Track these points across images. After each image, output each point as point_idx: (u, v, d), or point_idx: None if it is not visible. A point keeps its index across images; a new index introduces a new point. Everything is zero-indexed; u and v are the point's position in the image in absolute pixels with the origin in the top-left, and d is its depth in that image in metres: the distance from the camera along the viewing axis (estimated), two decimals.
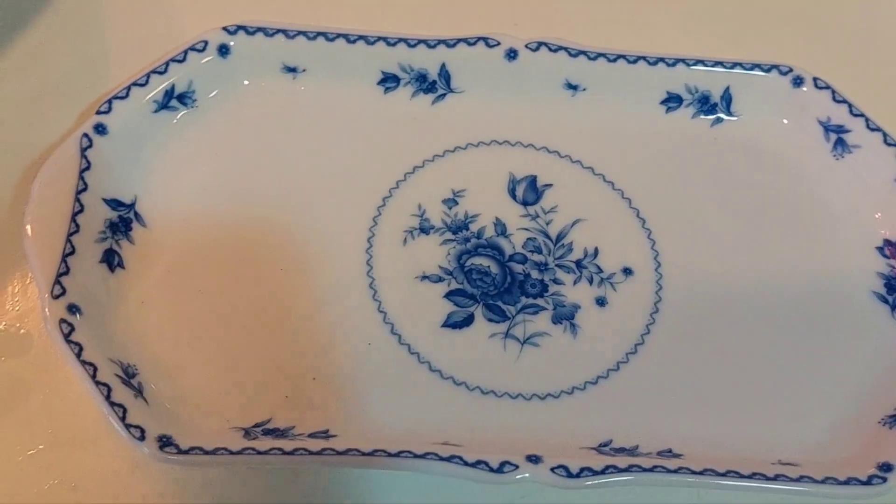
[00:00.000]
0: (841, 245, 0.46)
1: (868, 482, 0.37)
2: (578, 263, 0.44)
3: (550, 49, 0.47)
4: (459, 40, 0.47)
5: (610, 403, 0.41)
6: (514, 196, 0.45)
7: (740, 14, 0.52)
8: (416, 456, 0.36)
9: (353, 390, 0.40)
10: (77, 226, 0.40)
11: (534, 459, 0.36)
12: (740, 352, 0.42)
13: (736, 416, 0.41)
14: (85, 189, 0.41)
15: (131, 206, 0.43)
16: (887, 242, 0.45)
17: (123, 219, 0.42)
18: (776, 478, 0.37)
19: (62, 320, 0.37)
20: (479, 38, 0.47)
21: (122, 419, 0.36)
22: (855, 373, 0.42)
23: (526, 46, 0.47)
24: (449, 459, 0.36)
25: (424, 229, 0.44)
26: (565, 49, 0.47)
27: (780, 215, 0.46)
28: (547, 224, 0.45)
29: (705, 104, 0.48)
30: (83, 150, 0.41)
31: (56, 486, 0.38)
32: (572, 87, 0.48)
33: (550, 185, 0.46)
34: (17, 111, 0.46)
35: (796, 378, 0.42)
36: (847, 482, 0.37)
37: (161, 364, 0.39)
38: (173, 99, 0.45)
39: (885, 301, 0.44)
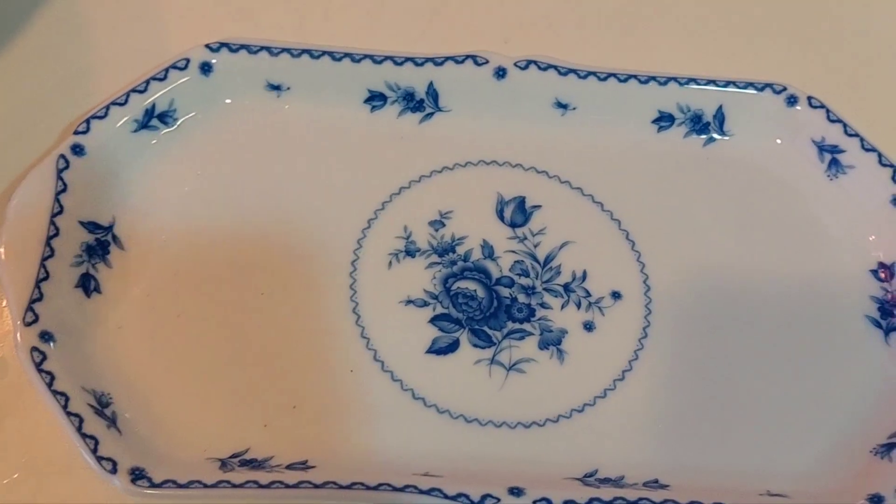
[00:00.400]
0: (834, 267, 0.45)
1: None
2: (566, 287, 0.43)
3: (540, 67, 0.46)
4: (447, 58, 0.46)
5: (596, 432, 0.40)
6: (501, 218, 0.45)
7: (733, 32, 0.51)
8: (395, 489, 0.35)
9: (333, 419, 0.39)
10: (52, 250, 0.39)
11: (516, 492, 0.36)
12: (729, 378, 0.41)
13: (725, 445, 0.40)
14: (60, 212, 0.40)
15: (109, 228, 0.42)
16: (881, 265, 0.44)
17: (101, 242, 0.41)
18: None
19: (34, 348, 0.36)
20: (467, 56, 0.46)
21: (94, 451, 0.35)
22: (846, 400, 0.41)
23: (515, 65, 0.46)
24: (429, 492, 0.35)
25: (410, 252, 0.43)
26: (555, 67, 0.46)
27: (773, 237, 0.45)
28: (535, 246, 0.44)
29: (697, 123, 0.47)
30: (59, 171, 0.41)
31: None
32: (562, 105, 0.47)
33: (539, 207, 0.45)
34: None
35: (786, 405, 0.41)
36: None
37: (137, 391, 0.38)
38: (154, 118, 0.44)
39: (879, 325, 0.43)
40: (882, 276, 0.44)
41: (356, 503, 0.36)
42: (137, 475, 0.35)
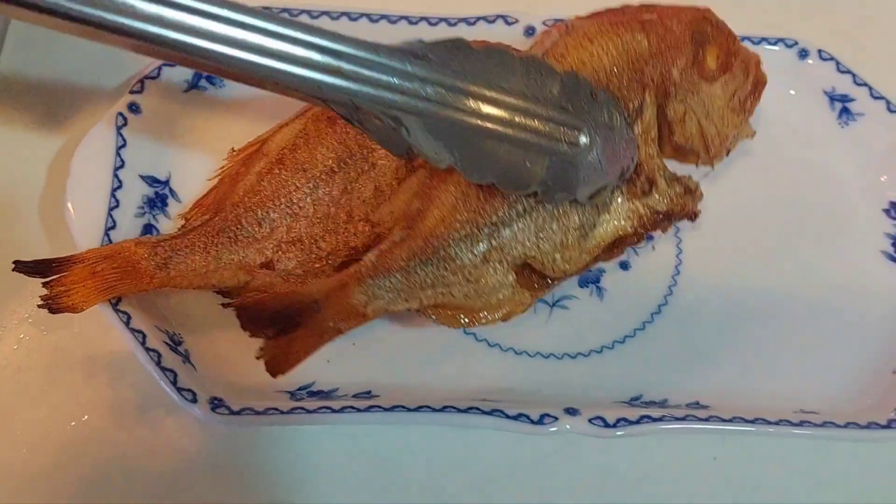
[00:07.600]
0: (849, 208, 0.47)
1: (888, 426, 0.39)
2: None
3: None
4: (479, 18, 0.48)
5: (638, 360, 0.42)
6: None
7: None
8: (459, 411, 0.37)
9: (391, 354, 0.41)
10: (117, 201, 0.41)
11: (572, 412, 0.38)
12: (760, 309, 0.44)
13: (757, 371, 0.42)
14: (122, 166, 0.42)
15: (166, 182, 0.44)
16: (893, 204, 0.47)
17: (160, 195, 0.43)
18: (801, 424, 0.39)
19: None
20: (497, 16, 0.48)
21: (174, 383, 0.37)
22: (868, 328, 0.44)
23: (544, 23, 0.48)
24: (491, 413, 0.37)
25: None
26: None
27: (790, 182, 0.48)
28: None
29: None
30: (119, 128, 0.42)
31: (103, 453, 0.39)
32: None
33: None
34: (47, 93, 0.47)
35: (814, 335, 0.43)
36: (868, 426, 0.39)
37: (203, 332, 0.40)
38: (202, 78, 0.46)
39: (894, 260, 0.46)
40: (895, 214, 0.47)
41: (421, 426, 0.38)
42: (217, 404, 0.36)
